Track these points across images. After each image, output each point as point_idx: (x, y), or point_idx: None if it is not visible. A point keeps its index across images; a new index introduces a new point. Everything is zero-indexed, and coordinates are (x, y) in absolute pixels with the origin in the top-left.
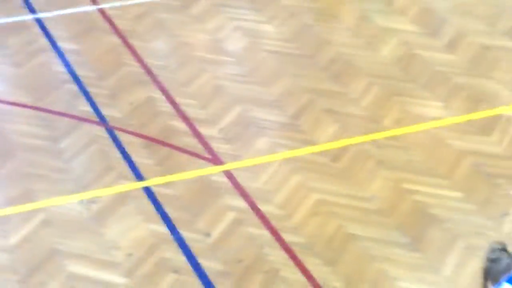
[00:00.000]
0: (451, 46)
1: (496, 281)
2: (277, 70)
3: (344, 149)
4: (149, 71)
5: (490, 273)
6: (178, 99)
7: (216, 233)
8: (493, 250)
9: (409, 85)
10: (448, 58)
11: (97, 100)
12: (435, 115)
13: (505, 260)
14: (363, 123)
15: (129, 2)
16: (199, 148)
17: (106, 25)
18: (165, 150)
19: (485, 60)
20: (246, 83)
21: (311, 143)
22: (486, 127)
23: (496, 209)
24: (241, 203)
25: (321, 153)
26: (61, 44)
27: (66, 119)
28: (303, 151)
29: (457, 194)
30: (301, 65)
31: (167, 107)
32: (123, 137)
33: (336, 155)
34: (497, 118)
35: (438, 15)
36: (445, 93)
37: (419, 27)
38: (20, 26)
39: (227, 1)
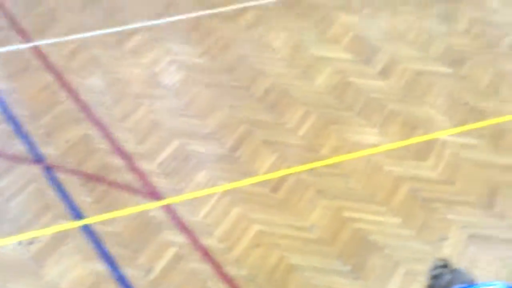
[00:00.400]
0: (385, 73)
1: None
2: (213, 102)
3: (283, 179)
4: (85, 108)
5: None
6: (115, 135)
7: (157, 269)
8: (435, 267)
9: (345, 113)
10: (382, 85)
11: (33, 139)
12: (372, 142)
13: (447, 276)
14: (301, 152)
15: (63, 39)
16: (138, 183)
17: (41, 63)
18: (104, 187)
19: (419, 86)
20: (183, 117)
21: (250, 174)
22: (422, 152)
23: (434, 234)
24: (182, 237)
25: (260, 184)
26: None
27: (1, 160)
28: (243, 183)
29: (396, 220)
30: (237, 97)
31: (104, 143)
32: (60, 176)
33: (275, 186)
34: (432, 142)
35: (371, 43)
36: (380, 120)
37: (353, 55)
38: None
39: (162, 35)
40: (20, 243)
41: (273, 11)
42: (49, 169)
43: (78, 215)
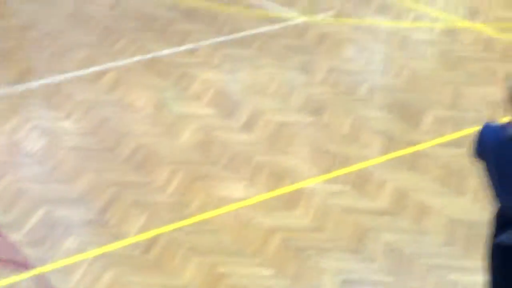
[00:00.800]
0: (249, 126)
1: None
2: (79, 166)
3: (155, 239)
4: None
5: None
6: None
7: None
8: None
9: (212, 168)
10: (247, 138)
11: None
12: (241, 195)
13: None
14: (171, 210)
15: None
16: (5, 254)
17: None
18: None
19: (283, 136)
20: (49, 183)
21: (121, 236)
22: (291, 201)
23: (308, 282)
24: None
25: (132, 246)
26: None
27: None
28: (114, 246)
29: (270, 271)
30: (103, 159)
31: None
32: None
33: (147, 246)
34: (300, 191)
35: (232, 97)
36: (247, 173)
37: (216, 110)
38: None
39: (22, 101)
40: None
41: (133, 71)
42: None
43: None
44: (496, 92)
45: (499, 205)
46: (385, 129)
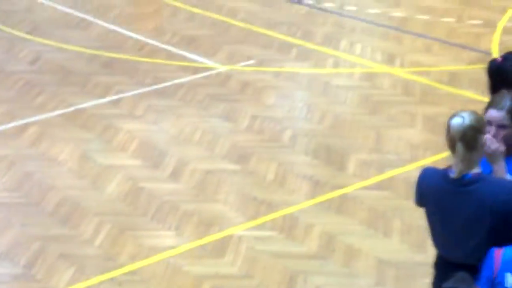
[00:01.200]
0: (175, 175)
1: None
2: (3, 222)
3: None
4: None
5: None
6: None
7: None
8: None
9: (140, 219)
10: (174, 187)
11: None
12: (169, 245)
13: None
14: (99, 262)
15: None
16: None
17: None
18: None
19: (209, 185)
20: None
21: None
22: (219, 249)
23: None
24: None
25: None
26: None
27: None
28: None
29: None
30: (27, 214)
31: None
32: None
33: None
34: (228, 239)
35: (158, 147)
36: (175, 222)
37: (141, 160)
38: None
39: None
40: None
41: (56, 125)
42: None
43: None
44: (416, 134)
45: (439, 250)
46: (310, 174)
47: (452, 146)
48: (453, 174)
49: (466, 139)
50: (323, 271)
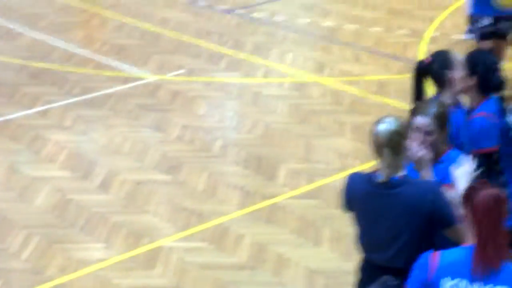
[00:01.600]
0: (105, 186)
1: None
2: None
3: None
4: None
5: None
6: None
7: None
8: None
9: (68, 231)
10: (103, 198)
11: None
12: (99, 257)
13: None
14: (26, 276)
15: None
16: None
17: None
18: None
19: (139, 195)
20: None
21: None
22: (149, 261)
23: None
24: None
25: None
26: None
27: None
28: None
29: None
30: None
31: None
32: None
33: None
34: (158, 250)
35: (87, 158)
36: (105, 234)
37: (70, 172)
38: None
39: None
40: None
41: None
42: None
43: None
44: (345, 143)
45: (365, 254)
46: (241, 184)
47: (378, 152)
48: (380, 178)
49: (392, 144)
50: (253, 281)
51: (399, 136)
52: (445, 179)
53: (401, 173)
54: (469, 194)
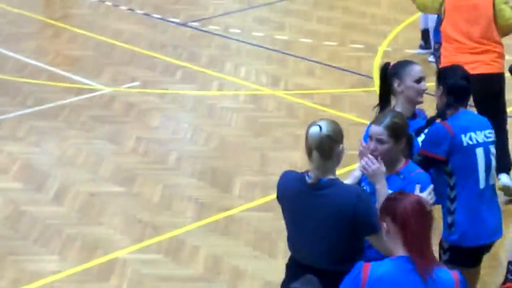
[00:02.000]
0: (58, 198)
1: None
2: None
3: None
4: None
5: None
6: None
7: None
8: None
9: (21, 243)
10: (57, 210)
11: None
12: (53, 269)
13: None
14: None
15: None
16: None
17: None
18: None
19: (94, 207)
20: None
21: None
22: (104, 273)
23: None
24: None
25: None
26: None
27: None
28: None
29: None
30: None
31: None
32: None
33: None
34: (113, 262)
35: (40, 170)
36: (59, 246)
37: (23, 184)
38: None
39: None
40: None
41: None
42: None
43: None
44: (300, 156)
45: (292, 252)
46: (196, 196)
47: (309, 153)
48: (310, 179)
49: (322, 148)
50: None
51: (330, 140)
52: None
53: (330, 176)
54: (390, 205)
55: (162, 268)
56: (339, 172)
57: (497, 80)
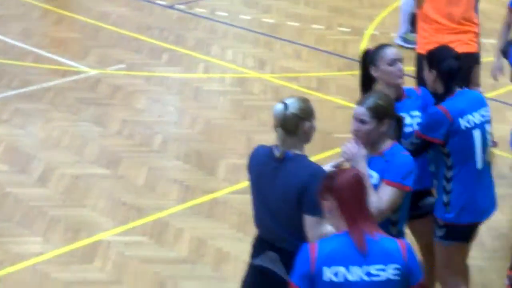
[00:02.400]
0: (43, 180)
1: None
2: None
3: None
4: None
5: None
6: None
7: None
8: None
9: (5, 224)
10: (41, 192)
11: None
12: (36, 251)
13: None
14: None
15: None
16: None
17: None
18: None
19: (78, 190)
20: None
21: None
22: (88, 255)
23: None
24: None
25: None
26: None
27: None
28: None
29: None
30: None
31: None
32: None
33: None
34: (97, 244)
35: (24, 152)
36: (43, 228)
37: (8, 165)
38: None
39: None
40: None
41: None
42: None
43: None
44: None
45: (257, 228)
46: (181, 178)
47: (275, 129)
48: (277, 153)
49: (285, 126)
50: (193, 276)
51: (296, 119)
52: (384, 173)
53: (297, 152)
54: (328, 182)
55: (146, 250)
56: (324, 154)
57: (474, 59)
